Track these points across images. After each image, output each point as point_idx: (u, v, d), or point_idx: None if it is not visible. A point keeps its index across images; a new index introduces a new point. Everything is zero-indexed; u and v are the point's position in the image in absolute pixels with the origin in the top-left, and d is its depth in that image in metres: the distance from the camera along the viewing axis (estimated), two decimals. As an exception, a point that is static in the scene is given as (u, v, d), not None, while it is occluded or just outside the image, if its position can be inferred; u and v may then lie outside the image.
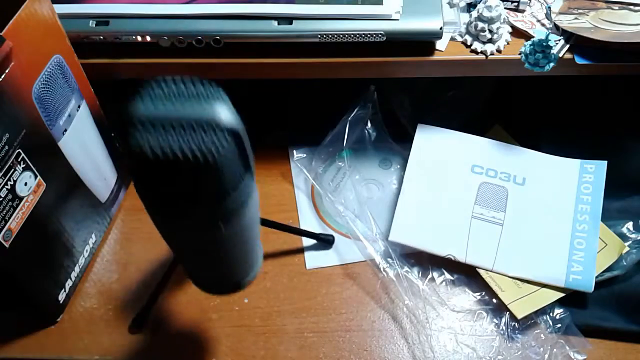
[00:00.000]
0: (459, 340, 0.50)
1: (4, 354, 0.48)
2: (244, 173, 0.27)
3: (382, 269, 0.52)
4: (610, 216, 0.55)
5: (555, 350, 0.48)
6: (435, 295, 0.52)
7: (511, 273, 0.52)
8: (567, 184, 0.56)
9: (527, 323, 0.50)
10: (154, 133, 0.22)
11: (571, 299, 0.51)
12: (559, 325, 0.50)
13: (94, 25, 0.50)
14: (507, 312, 0.50)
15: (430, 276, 0.53)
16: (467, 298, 0.52)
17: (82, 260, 0.52)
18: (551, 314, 0.50)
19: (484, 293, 0.52)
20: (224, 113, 0.23)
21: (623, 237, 0.53)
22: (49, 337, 0.50)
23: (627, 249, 0.52)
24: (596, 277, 0.51)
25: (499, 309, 0.51)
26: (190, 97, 0.24)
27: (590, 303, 0.51)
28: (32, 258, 0.44)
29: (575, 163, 0.57)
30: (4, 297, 0.44)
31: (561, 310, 0.50)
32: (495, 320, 0.51)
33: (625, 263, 0.51)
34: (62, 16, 0.44)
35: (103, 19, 0.50)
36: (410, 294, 0.51)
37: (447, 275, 0.53)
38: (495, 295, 0.51)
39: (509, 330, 0.50)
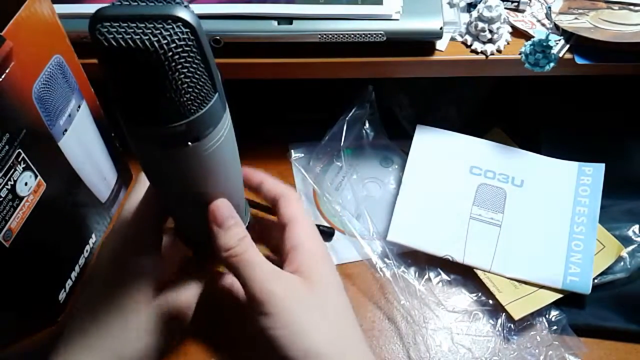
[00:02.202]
0: (455, 341, 0.50)
1: (4, 354, 0.49)
2: (209, 89, 0.28)
3: (378, 269, 0.53)
4: (615, 218, 0.55)
5: (550, 352, 0.48)
6: (432, 295, 0.52)
7: (509, 274, 0.52)
8: (565, 186, 0.56)
9: (523, 324, 0.50)
10: (113, 25, 0.25)
11: (572, 298, 0.51)
12: (555, 327, 0.50)
13: (94, 25, 0.50)
14: (504, 313, 0.50)
15: (426, 276, 0.53)
16: (463, 299, 0.52)
17: (82, 260, 0.52)
18: (547, 316, 0.50)
19: (480, 294, 0.52)
20: (183, 12, 0.26)
21: (628, 239, 0.53)
22: (49, 337, 0.49)
23: (625, 250, 0.52)
24: (599, 279, 0.51)
25: (495, 309, 0.51)
26: (155, 2, 0.26)
27: (591, 303, 0.51)
28: (32, 258, 0.45)
29: (573, 165, 0.57)
30: (4, 297, 0.44)
31: (557, 312, 0.50)
32: (491, 321, 0.51)
33: (629, 266, 0.52)
34: (62, 16, 0.44)
35: (103, 19, 0.50)
36: (406, 294, 0.51)
37: (444, 276, 0.53)
38: (492, 296, 0.51)
39: (504, 331, 0.50)
